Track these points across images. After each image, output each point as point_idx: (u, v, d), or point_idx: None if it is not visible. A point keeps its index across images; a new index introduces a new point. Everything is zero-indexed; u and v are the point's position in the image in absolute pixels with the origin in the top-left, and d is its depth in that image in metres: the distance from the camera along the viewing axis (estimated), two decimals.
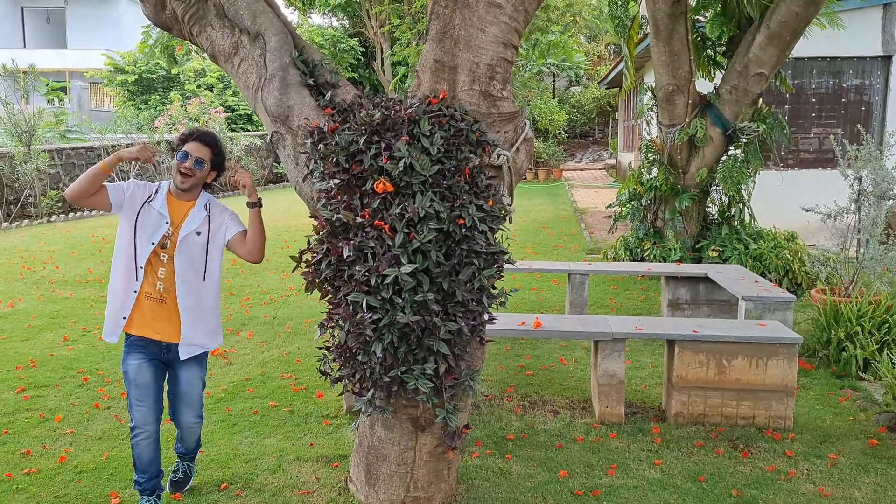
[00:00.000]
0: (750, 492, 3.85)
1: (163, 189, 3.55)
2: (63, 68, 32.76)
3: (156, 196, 3.52)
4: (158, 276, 3.45)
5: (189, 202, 3.57)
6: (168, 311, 3.48)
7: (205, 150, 3.52)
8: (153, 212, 3.48)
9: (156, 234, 3.45)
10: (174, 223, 3.49)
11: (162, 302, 3.47)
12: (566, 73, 26.96)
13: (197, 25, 3.89)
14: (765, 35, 7.76)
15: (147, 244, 3.44)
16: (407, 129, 3.25)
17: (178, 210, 3.54)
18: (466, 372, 3.43)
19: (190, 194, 3.55)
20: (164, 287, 3.47)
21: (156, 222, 3.47)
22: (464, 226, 3.23)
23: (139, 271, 3.43)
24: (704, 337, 4.65)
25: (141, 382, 3.47)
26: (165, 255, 3.46)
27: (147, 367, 3.48)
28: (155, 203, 3.49)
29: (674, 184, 8.57)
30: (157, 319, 3.47)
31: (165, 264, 3.46)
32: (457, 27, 3.44)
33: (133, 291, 3.45)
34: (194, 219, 3.54)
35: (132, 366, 3.47)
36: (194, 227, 3.53)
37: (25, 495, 3.84)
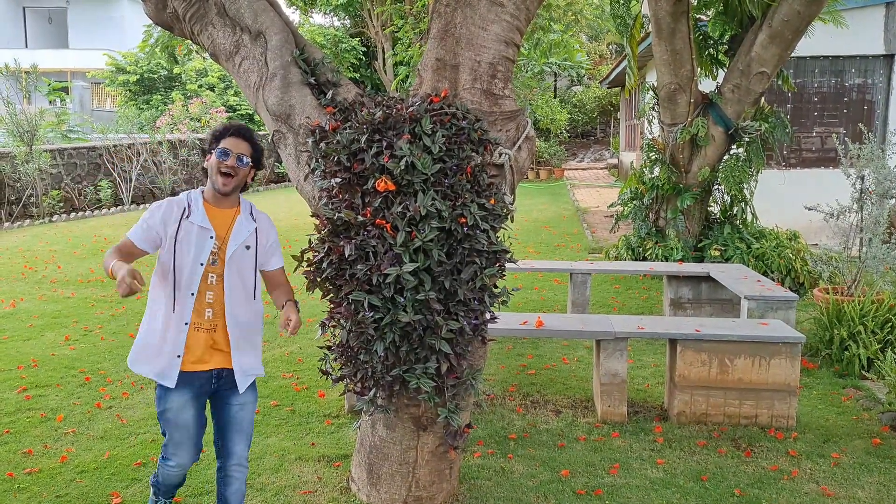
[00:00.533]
0: (753, 491, 3.84)
1: (196, 199, 3.06)
2: (65, 68, 32.79)
3: (191, 209, 3.02)
4: (207, 302, 3.00)
5: (231, 209, 3.09)
6: (218, 339, 3.04)
7: (244, 145, 3.07)
8: (194, 228, 2.99)
9: (203, 253, 2.99)
10: (219, 236, 3.03)
11: (212, 331, 3.02)
12: (568, 72, 26.94)
13: (198, 24, 3.88)
14: (767, 34, 7.74)
15: (195, 266, 2.98)
16: (408, 127, 3.25)
17: (220, 220, 3.05)
18: (468, 371, 3.42)
19: (231, 199, 3.09)
20: (213, 313, 3.01)
21: (199, 239, 2.99)
22: (465, 225, 3.23)
23: (189, 299, 2.97)
24: (707, 336, 4.64)
25: (182, 423, 3.03)
26: (214, 276, 3.00)
27: (190, 406, 3.03)
28: (194, 217, 3.00)
29: (676, 183, 8.56)
30: (207, 351, 3.03)
31: (214, 286, 3.01)
32: (458, 26, 3.44)
33: (184, 324, 2.97)
34: (242, 229, 3.08)
35: (173, 404, 3.01)
36: (243, 239, 3.07)
37: (27, 495, 3.84)
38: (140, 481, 3.97)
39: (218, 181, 3.02)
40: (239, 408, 3.12)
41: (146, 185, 17.13)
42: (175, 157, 17.67)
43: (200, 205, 3.05)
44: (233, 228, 3.07)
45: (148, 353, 3.03)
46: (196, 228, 2.99)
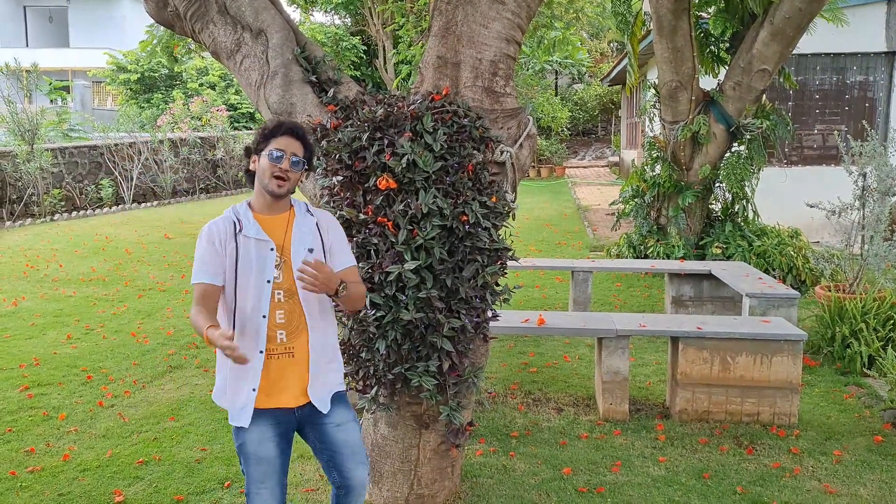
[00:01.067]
0: (755, 489, 3.83)
1: (244, 213, 2.71)
2: (65, 67, 32.82)
3: (242, 222, 2.67)
4: (277, 323, 2.65)
5: (284, 213, 2.74)
6: (297, 363, 2.68)
7: (297, 145, 2.70)
8: (250, 242, 2.65)
9: (267, 269, 2.64)
10: (279, 246, 2.67)
11: (289, 355, 2.67)
12: (569, 70, 26.92)
13: (199, 22, 3.88)
14: (768, 31, 7.73)
15: (262, 284, 2.63)
16: (410, 125, 3.25)
17: (276, 228, 2.71)
18: (470, 369, 3.42)
19: (282, 202, 2.73)
20: (286, 335, 2.66)
21: (259, 253, 2.65)
22: (467, 222, 3.23)
23: (262, 323, 2.62)
24: (708, 334, 4.64)
25: (263, 457, 2.66)
26: (281, 293, 2.65)
27: (272, 438, 2.67)
28: (248, 230, 2.66)
29: (677, 181, 8.55)
30: (285, 379, 2.67)
31: (284, 304, 2.65)
32: (459, 23, 3.43)
33: (259, 352, 2.62)
34: (302, 232, 2.73)
35: (252, 436, 2.65)
36: (306, 243, 2.71)
37: (29, 493, 3.85)
38: (142, 479, 3.98)
39: (272, 184, 2.65)
40: (340, 430, 2.74)
41: (147, 184, 17.14)
42: (176, 156, 17.67)
43: (251, 217, 2.69)
44: (291, 233, 2.71)
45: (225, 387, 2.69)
46: (253, 242, 2.65)
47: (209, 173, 18.94)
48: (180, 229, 13.07)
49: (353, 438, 2.76)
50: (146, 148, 16.90)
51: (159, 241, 11.76)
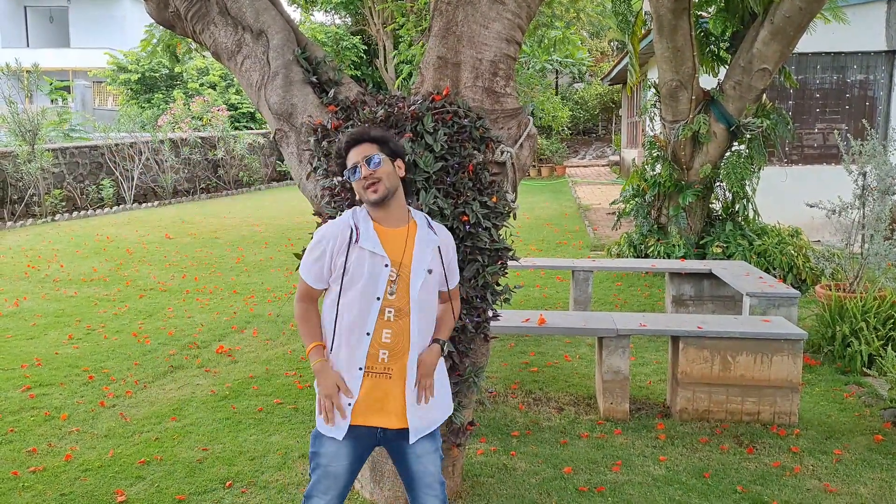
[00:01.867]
0: (755, 488, 3.84)
1: (364, 220, 2.59)
2: (66, 67, 32.84)
3: (360, 231, 2.55)
4: (383, 342, 2.54)
5: (403, 226, 2.60)
6: (393, 385, 2.57)
7: (366, 146, 2.60)
8: (364, 254, 2.53)
9: (378, 286, 2.52)
10: (395, 262, 2.54)
11: (387, 376, 2.56)
12: (569, 69, 26.93)
13: (200, 23, 3.89)
14: (768, 30, 7.74)
15: (370, 300, 2.52)
16: (410, 125, 3.25)
17: (394, 242, 2.57)
18: (471, 369, 3.43)
19: (397, 211, 2.60)
20: (389, 355, 2.55)
21: (372, 268, 2.52)
22: (468, 222, 3.23)
23: (364, 339, 2.53)
24: (709, 333, 4.64)
25: (332, 471, 2.61)
26: (392, 311, 2.53)
27: (347, 454, 2.60)
28: (364, 241, 2.53)
29: (677, 180, 8.56)
30: (379, 400, 2.58)
31: (392, 323, 2.54)
32: (460, 24, 3.44)
33: (359, 368, 2.55)
34: (423, 249, 2.59)
35: (328, 449, 2.60)
36: (426, 263, 2.58)
37: (31, 493, 3.86)
38: (144, 479, 3.99)
39: (368, 195, 2.55)
40: (418, 460, 2.65)
41: (148, 184, 17.16)
42: (177, 156, 17.69)
43: (370, 226, 2.57)
44: (413, 250, 2.58)
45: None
46: (367, 255, 2.53)
47: (210, 173, 18.95)
48: (181, 229, 13.08)
49: (430, 470, 2.67)
50: (147, 148, 16.92)
51: (160, 241, 11.77)
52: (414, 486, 2.68)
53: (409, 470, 2.67)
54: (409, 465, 2.66)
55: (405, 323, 2.55)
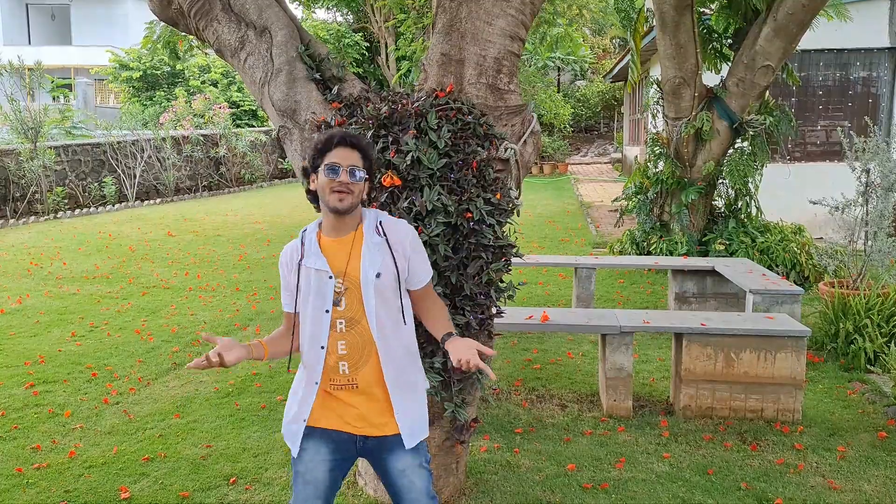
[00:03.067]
0: (759, 485, 3.84)
1: (310, 236, 2.54)
2: (68, 65, 32.84)
3: (304, 250, 2.52)
4: (339, 353, 2.48)
5: (350, 233, 2.52)
6: (362, 396, 2.50)
7: (354, 155, 2.48)
8: (310, 272, 2.49)
9: (326, 299, 2.47)
10: (339, 273, 2.47)
11: (352, 388, 2.49)
12: (571, 66, 26.90)
13: (203, 20, 3.89)
14: (771, 27, 7.72)
15: (320, 314, 2.48)
16: (414, 122, 3.25)
17: (338, 252, 2.50)
18: None
19: (350, 220, 2.51)
20: (348, 367, 2.47)
21: (318, 283, 2.48)
22: (471, 219, 3.23)
23: (319, 353, 2.49)
24: (712, 330, 4.64)
25: (311, 478, 2.53)
26: (342, 322, 2.47)
27: (324, 461, 2.53)
28: (307, 260, 2.50)
29: (680, 177, 8.55)
30: (346, 409, 2.51)
31: (345, 334, 2.47)
32: (463, 20, 3.44)
33: (314, 383, 2.51)
34: (370, 255, 2.49)
35: (305, 455, 2.54)
36: (375, 268, 2.47)
37: (35, 490, 3.86)
38: (148, 476, 3.99)
39: (332, 199, 2.44)
40: (402, 475, 2.55)
41: (150, 182, 17.16)
42: (179, 154, 17.69)
43: (314, 242, 2.52)
44: (359, 256, 2.49)
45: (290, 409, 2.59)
46: (312, 273, 2.49)
47: (212, 171, 18.96)
48: (183, 227, 13.09)
49: (417, 486, 2.55)
50: (149, 145, 16.92)
51: (163, 239, 11.78)
52: (401, 501, 2.57)
53: (394, 486, 2.57)
54: (393, 481, 2.56)
55: (359, 332, 2.47)
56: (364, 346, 2.48)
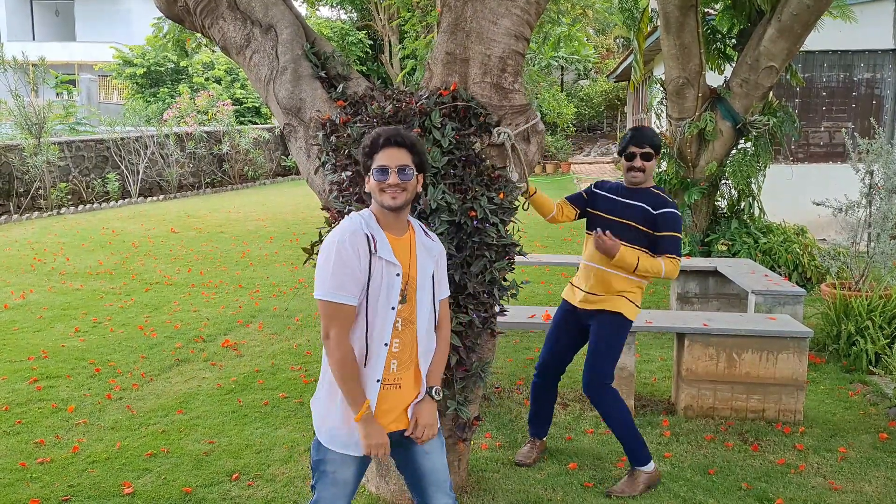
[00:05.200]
0: (760, 485, 3.85)
1: (375, 227, 2.47)
2: (72, 61, 32.88)
3: (376, 240, 2.44)
4: (393, 352, 2.49)
5: (407, 233, 2.54)
6: (402, 396, 2.54)
7: (402, 154, 2.49)
8: (382, 264, 2.43)
9: (392, 295, 2.45)
10: (405, 272, 2.49)
11: (396, 387, 2.51)
12: (574, 66, 26.89)
13: (209, 17, 3.90)
14: (776, 28, 7.72)
15: (387, 310, 2.45)
16: (418, 121, 3.26)
17: (401, 250, 2.50)
18: (477, 364, 3.43)
19: (403, 218, 2.53)
20: (398, 365, 2.50)
21: (387, 277, 2.44)
22: (475, 218, 3.24)
23: (382, 351, 2.46)
24: (714, 330, 4.65)
25: (340, 479, 2.53)
26: (400, 321, 2.48)
27: (353, 463, 2.54)
28: (381, 251, 2.43)
29: (683, 177, 8.55)
30: (390, 410, 2.53)
31: (400, 333, 2.49)
32: (468, 20, 3.44)
33: (376, 381, 2.47)
34: (425, 257, 2.55)
35: (334, 457, 2.51)
36: (429, 270, 2.55)
37: (39, 484, 3.88)
38: (150, 471, 4.01)
39: (385, 198, 2.45)
40: (426, 457, 2.61)
41: (153, 178, 17.19)
42: (182, 150, 17.72)
43: (384, 235, 2.47)
44: (416, 257, 2.52)
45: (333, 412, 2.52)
46: (384, 265, 2.43)
47: (215, 168, 18.97)
48: (186, 223, 13.11)
49: (439, 466, 2.63)
50: (152, 142, 16.94)
51: (166, 235, 11.79)
52: (423, 483, 2.62)
53: (419, 468, 2.61)
54: (418, 463, 2.60)
55: (411, 332, 2.51)
56: (411, 347, 2.52)
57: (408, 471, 2.67)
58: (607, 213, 3.92)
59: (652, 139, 3.78)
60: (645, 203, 3.80)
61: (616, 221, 3.85)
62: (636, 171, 3.79)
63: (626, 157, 3.82)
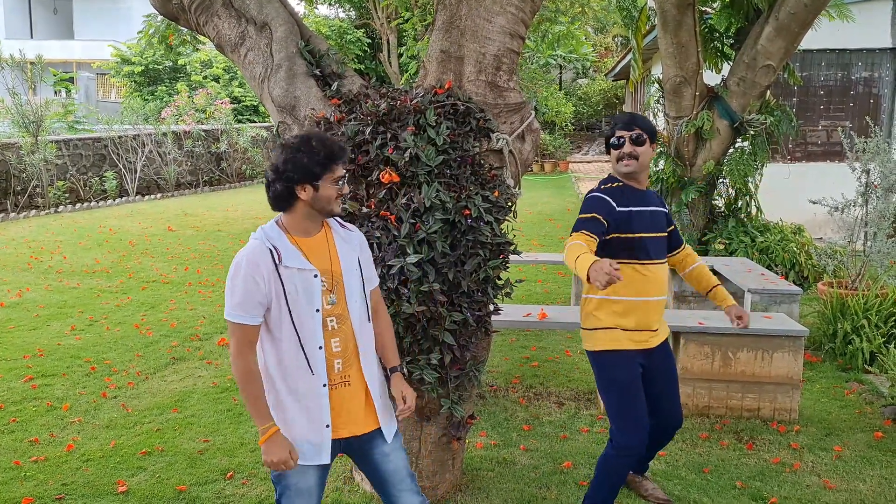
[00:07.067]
0: (755, 483, 3.85)
1: (277, 237, 2.45)
2: (70, 59, 32.82)
3: (279, 251, 2.42)
4: (333, 352, 2.48)
5: (320, 231, 2.52)
6: (353, 392, 2.53)
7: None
8: (293, 273, 2.42)
9: (314, 298, 2.44)
10: (324, 271, 2.47)
11: (345, 384, 2.51)
12: (573, 64, 26.87)
13: (203, 15, 3.89)
14: (773, 27, 7.71)
15: (311, 314, 2.44)
16: (413, 119, 3.25)
17: (317, 250, 2.49)
18: (472, 363, 3.43)
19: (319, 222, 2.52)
20: (342, 364, 2.49)
21: (304, 283, 2.43)
22: (469, 216, 3.24)
23: (319, 354, 2.44)
24: (710, 329, 4.65)
25: (304, 488, 2.50)
26: (334, 319, 2.48)
27: (315, 471, 2.51)
28: (288, 260, 2.42)
29: (680, 176, 8.54)
30: (348, 411, 2.52)
31: (338, 331, 2.49)
32: (463, 17, 3.44)
33: (323, 385, 2.46)
34: (344, 250, 2.55)
35: (295, 470, 2.48)
36: (353, 262, 2.55)
37: (33, 482, 3.87)
38: (145, 470, 4.00)
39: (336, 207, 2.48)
40: (385, 458, 2.59)
41: (151, 177, 17.17)
42: (180, 149, 17.69)
43: (287, 242, 2.45)
44: (336, 251, 2.52)
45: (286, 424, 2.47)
46: (296, 273, 2.42)
47: (213, 166, 18.95)
48: (184, 222, 13.10)
49: (400, 465, 2.61)
50: (150, 140, 16.92)
51: (163, 234, 11.78)
52: (386, 485, 2.60)
53: (380, 470, 2.59)
54: (379, 466, 2.59)
55: (347, 327, 2.50)
56: (353, 343, 2.52)
57: (371, 476, 2.64)
58: (648, 232, 3.24)
59: (643, 121, 3.22)
60: (662, 206, 3.37)
61: (659, 239, 3.29)
62: (628, 158, 3.19)
63: (614, 146, 3.24)
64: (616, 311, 3.23)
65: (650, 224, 3.23)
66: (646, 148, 3.22)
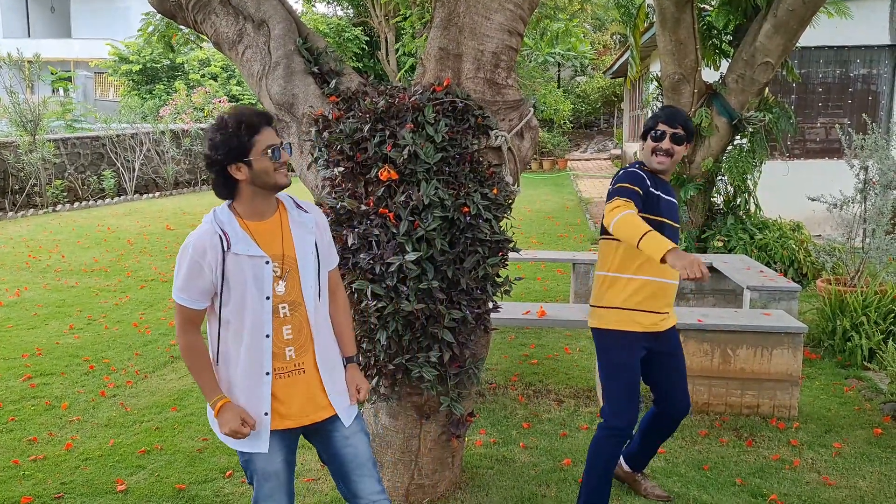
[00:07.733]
0: (754, 480, 3.85)
1: (227, 221, 2.40)
2: (68, 58, 32.77)
3: (228, 236, 2.36)
4: (285, 339, 2.44)
5: (273, 214, 2.47)
6: (308, 379, 2.49)
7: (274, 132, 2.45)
8: (241, 260, 2.36)
9: (264, 285, 2.38)
10: (276, 256, 2.42)
11: (299, 372, 2.47)
12: (571, 62, 26.86)
13: (201, 13, 3.88)
14: (771, 24, 7.71)
15: (261, 301, 2.38)
16: (411, 116, 3.25)
17: (269, 235, 2.43)
18: (471, 360, 3.43)
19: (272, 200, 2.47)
20: (295, 351, 2.45)
21: (254, 270, 2.38)
22: (468, 214, 3.23)
23: (265, 343, 2.41)
24: (709, 326, 4.64)
25: (272, 472, 2.48)
26: (286, 306, 2.43)
27: (278, 452, 2.49)
28: (237, 246, 2.36)
29: (679, 174, 8.53)
30: (297, 397, 2.48)
31: (290, 319, 2.44)
32: (461, 15, 3.43)
33: (265, 374, 2.42)
34: (300, 234, 2.49)
35: (260, 455, 2.47)
36: (309, 247, 2.49)
37: (32, 481, 3.87)
38: (144, 468, 4.00)
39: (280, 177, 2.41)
40: (348, 445, 2.55)
41: (149, 175, 17.15)
42: (178, 147, 17.68)
43: (237, 227, 2.39)
44: (290, 238, 2.46)
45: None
46: (245, 260, 2.36)
47: None
48: (182, 220, 13.08)
49: (361, 450, 2.57)
50: (148, 139, 16.90)
51: (161, 232, 11.77)
52: (345, 469, 2.56)
53: (339, 455, 2.56)
54: (339, 450, 2.56)
55: (301, 313, 2.45)
56: (307, 329, 2.48)
57: (331, 462, 2.61)
58: (670, 219, 3.26)
59: (686, 121, 3.23)
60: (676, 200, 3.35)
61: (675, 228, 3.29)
62: (663, 154, 3.19)
63: (653, 137, 3.21)
64: (632, 290, 3.23)
65: (668, 212, 3.26)
66: (682, 148, 3.24)
